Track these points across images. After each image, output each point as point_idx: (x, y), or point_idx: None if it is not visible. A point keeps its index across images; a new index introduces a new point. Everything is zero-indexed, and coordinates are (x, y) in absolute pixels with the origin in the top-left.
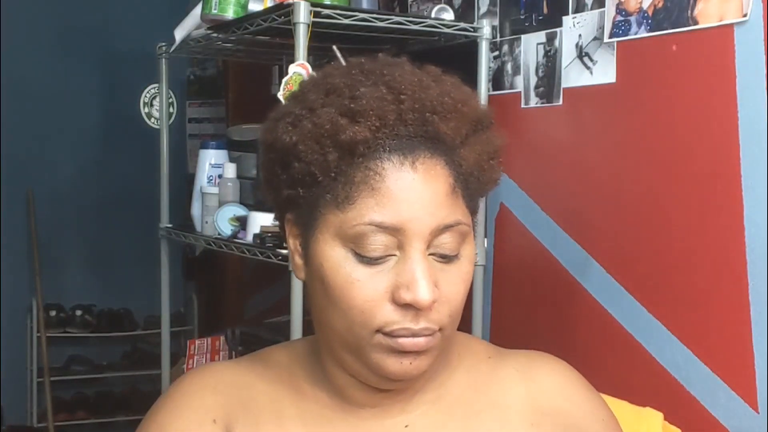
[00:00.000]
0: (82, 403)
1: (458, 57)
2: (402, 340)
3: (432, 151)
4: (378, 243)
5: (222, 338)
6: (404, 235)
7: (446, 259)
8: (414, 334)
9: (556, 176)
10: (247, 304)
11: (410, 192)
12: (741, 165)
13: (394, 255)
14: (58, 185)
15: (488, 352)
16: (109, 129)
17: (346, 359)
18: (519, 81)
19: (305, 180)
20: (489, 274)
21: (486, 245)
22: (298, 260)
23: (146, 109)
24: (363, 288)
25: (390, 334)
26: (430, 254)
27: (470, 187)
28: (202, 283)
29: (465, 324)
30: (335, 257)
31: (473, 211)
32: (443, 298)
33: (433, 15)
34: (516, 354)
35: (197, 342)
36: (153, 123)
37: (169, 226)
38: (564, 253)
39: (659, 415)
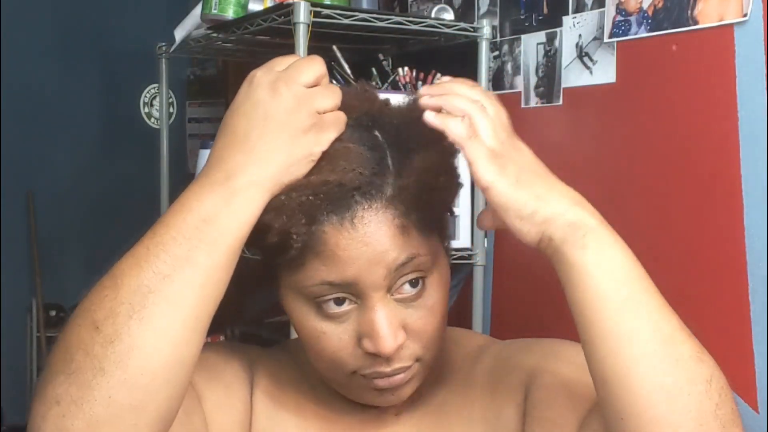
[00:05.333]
0: None
1: (458, 57)
2: (377, 381)
3: (369, 200)
4: (336, 300)
5: (222, 338)
6: (359, 287)
7: (410, 294)
8: (388, 375)
9: (556, 176)
10: (247, 304)
11: (353, 250)
12: (741, 165)
13: (356, 304)
14: (58, 185)
15: (480, 342)
16: (109, 129)
17: (332, 385)
18: (519, 81)
19: (254, 242)
20: (489, 274)
21: (486, 245)
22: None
23: (146, 109)
24: (329, 340)
25: (365, 377)
26: (392, 296)
27: (423, 210)
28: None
29: (465, 324)
30: (299, 311)
31: (440, 228)
32: (413, 334)
33: (433, 15)
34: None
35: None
36: (153, 123)
37: None
38: None
39: None
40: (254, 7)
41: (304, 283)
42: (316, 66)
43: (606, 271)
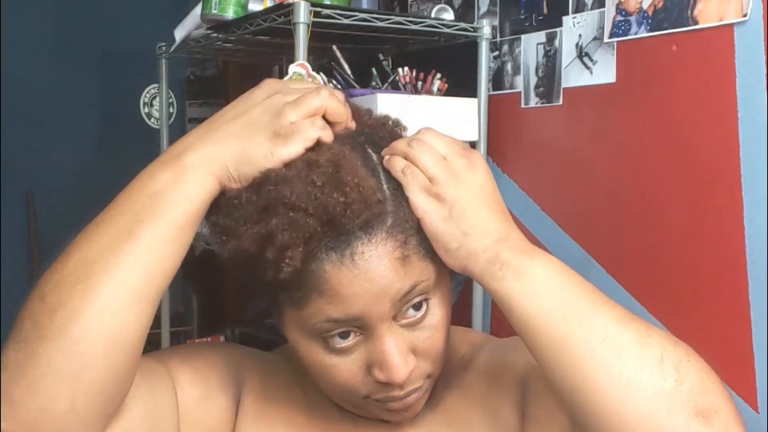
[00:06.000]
0: None
1: (458, 57)
2: (391, 404)
3: (369, 234)
4: (342, 334)
5: (222, 338)
6: (365, 321)
7: (416, 318)
8: (402, 398)
9: (556, 176)
10: (247, 305)
11: (355, 287)
12: (741, 165)
13: (362, 335)
14: (58, 185)
15: (475, 339)
16: (109, 129)
17: (345, 407)
18: (519, 81)
19: (254, 280)
20: None
21: None
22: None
23: (146, 109)
24: (339, 372)
25: (378, 401)
26: (398, 322)
27: (420, 234)
28: (202, 283)
29: (465, 324)
30: (306, 346)
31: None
32: (422, 355)
33: (433, 15)
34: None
35: (197, 342)
36: (153, 123)
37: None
38: (564, 253)
39: None
40: (254, 7)
41: (309, 320)
42: (322, 100)
43: (525, 293)
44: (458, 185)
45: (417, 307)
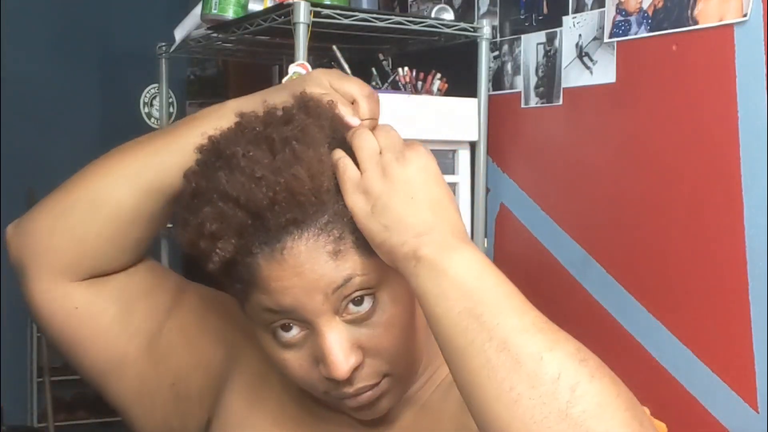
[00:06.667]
0: (82, 403)
1: (458, 57)
2: (346, 401)
3: (299, 230)
4: (284, 326)
5: None
6: (300, 314)
7: (360, 313)
8: (354, 395)
9: (556, 176)
10: None
11: (284, 281)
12: (741, 165)
13: (308, 329)
14: (59, 183)
15: None
16: (109, 129)
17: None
18: (519, 81)
19: (210, 275)
20: None
21: (486, 245)
22: None
23: (146, 109)
24: (292, 366)
25: (335, 397)
26: (342, 317)
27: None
28: (203, 281)
29: None
30: (262, 339)
31: None
32: (372, 352)
33: (433, 15)
34: None
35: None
36: (153, 123)
37: (170, 225)
38: (564, 253)
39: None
40: (254, 7)
41: (254, 312)
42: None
43: (436, 294)
44: (384, 180)
45: (357, 302)
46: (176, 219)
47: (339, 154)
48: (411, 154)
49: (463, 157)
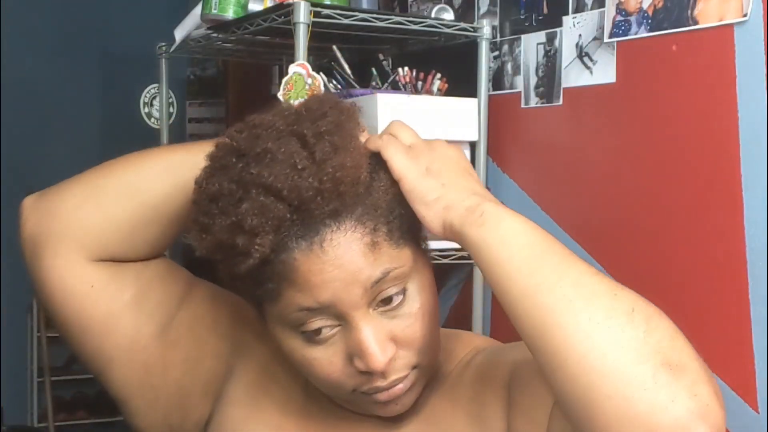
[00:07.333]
0: (82, 403)
1: (458, 57)
2: (378, 396)
3: (338, 222)
4: (318, 323)
5: None
6: (338, 309)
7: (393, 305)
8: (387, 388)
9: (556, 176)
10: None
11: (324, 274)
12: (741, 165)
13: (340, 325)
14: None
15: (478, 343)
16: (109, 129)
17: (338, 401)
18: (519, 81)
19: (231, 276)
20: None
21: None
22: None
23: (146, 109)
24: (322, 365)
25: (365, 393)
26: (375, 310)
27: (393, 222)
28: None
29: (465, 324)
30: (287, 341)
31: (414, 232)
32: (404, 344)
33: (433, 15)
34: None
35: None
36: (153, 123)
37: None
38: None
39: None
40: (254, 7)
41: (284, 312)
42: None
43: (503, 241)
44: (434, 153)
45: (392, 294)
46: (197, 228)
47: (378, 136)
48: (441, 143)
49: None
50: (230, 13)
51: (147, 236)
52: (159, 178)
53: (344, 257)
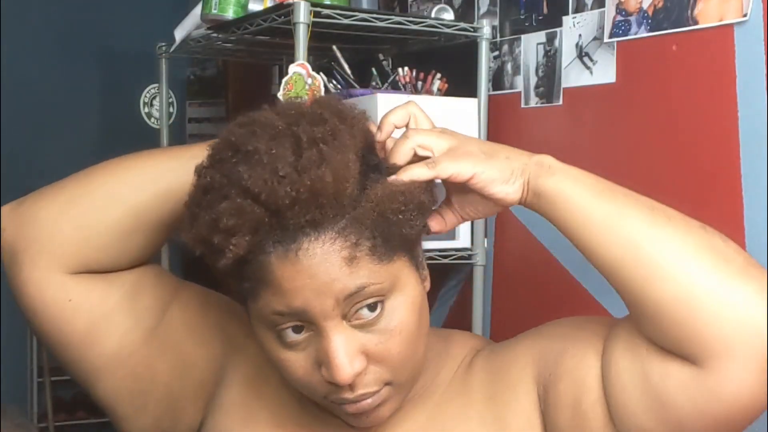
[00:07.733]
0: (82, 403)
1: (458, 57)
2: (346, 407)
3: (317, 232)
4: (290, 328)
5: None
6: (308, 316)
7: (368, 319)
8: (354, 401)
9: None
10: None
11: (297, 282)
12: (741, 165)
13: (313, 331)
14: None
15: (474, 344)
16: (109, 129)
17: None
18: (519, 81)
19: (215, 270)
20: (489, 274)
21: (486, 245)
22: None
23: (146, 109)
24: (293, 367)
25: (334, 402)
26: (350, 322)
27: (379, 238)
28: (202, 284)
29: (465, 324)
30: (264, 339)
31: (407, 247)
32: (376, 359)
33: (433, 15)
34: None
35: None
36: (153, 123)
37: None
38: (564, 253)
39: None
40: (254, 7)
41: (262, 312)
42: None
43: (576, 180)
44: (466, 142)
45: (372, 308)
46: (187, 218)
47: (419, 168)
48: (445, 129)
49: None
50: (230, 13)
51: (129, 246)
52: (141, 187)
53: (319, 267)
